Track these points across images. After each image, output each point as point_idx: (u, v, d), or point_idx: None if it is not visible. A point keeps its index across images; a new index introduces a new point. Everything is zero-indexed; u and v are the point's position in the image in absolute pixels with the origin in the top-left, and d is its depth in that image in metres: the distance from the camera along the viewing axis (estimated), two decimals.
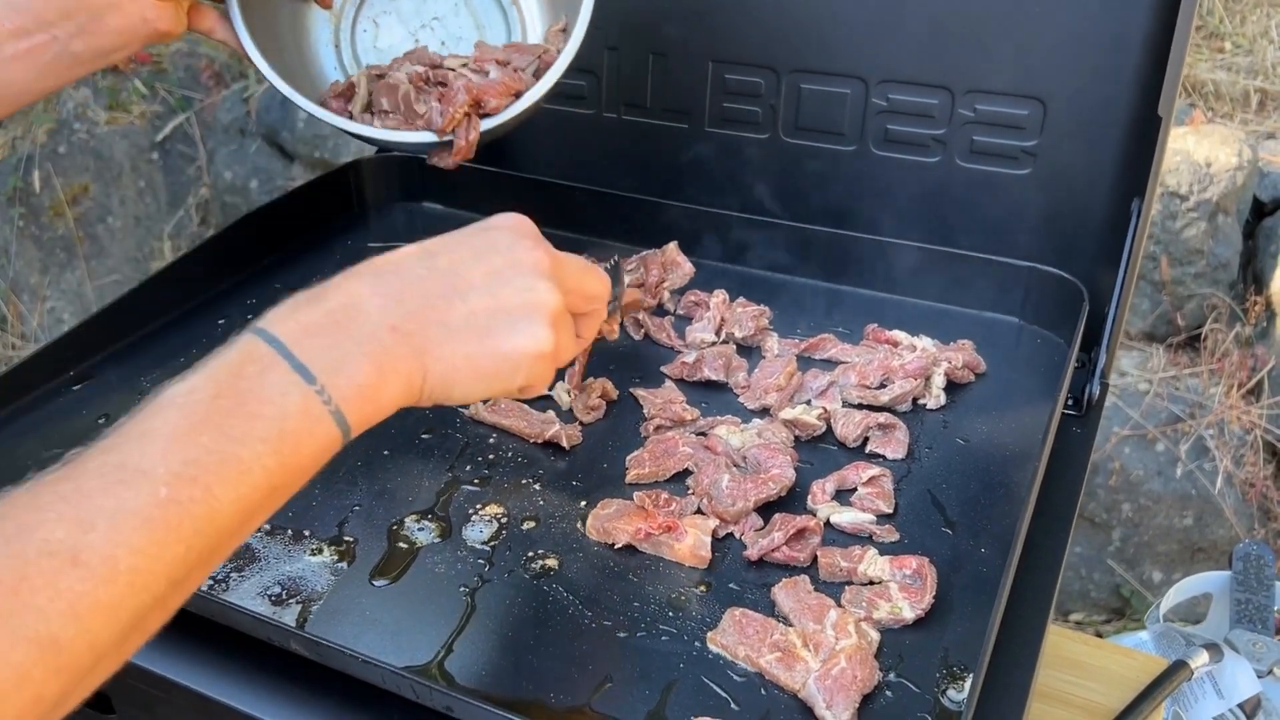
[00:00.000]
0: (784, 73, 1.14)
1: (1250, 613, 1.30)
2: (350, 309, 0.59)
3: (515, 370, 0.64)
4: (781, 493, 0.84)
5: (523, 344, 0.64)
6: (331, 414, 0.56)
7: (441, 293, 0.62)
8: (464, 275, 0.64)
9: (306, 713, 0.71)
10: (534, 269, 0.66)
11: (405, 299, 0.61)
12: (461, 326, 0.62)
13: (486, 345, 0.63)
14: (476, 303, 0.63)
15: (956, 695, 0.69)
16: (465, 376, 0.63)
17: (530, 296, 0.65)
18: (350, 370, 0.57)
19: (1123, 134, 1.03)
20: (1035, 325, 1.07)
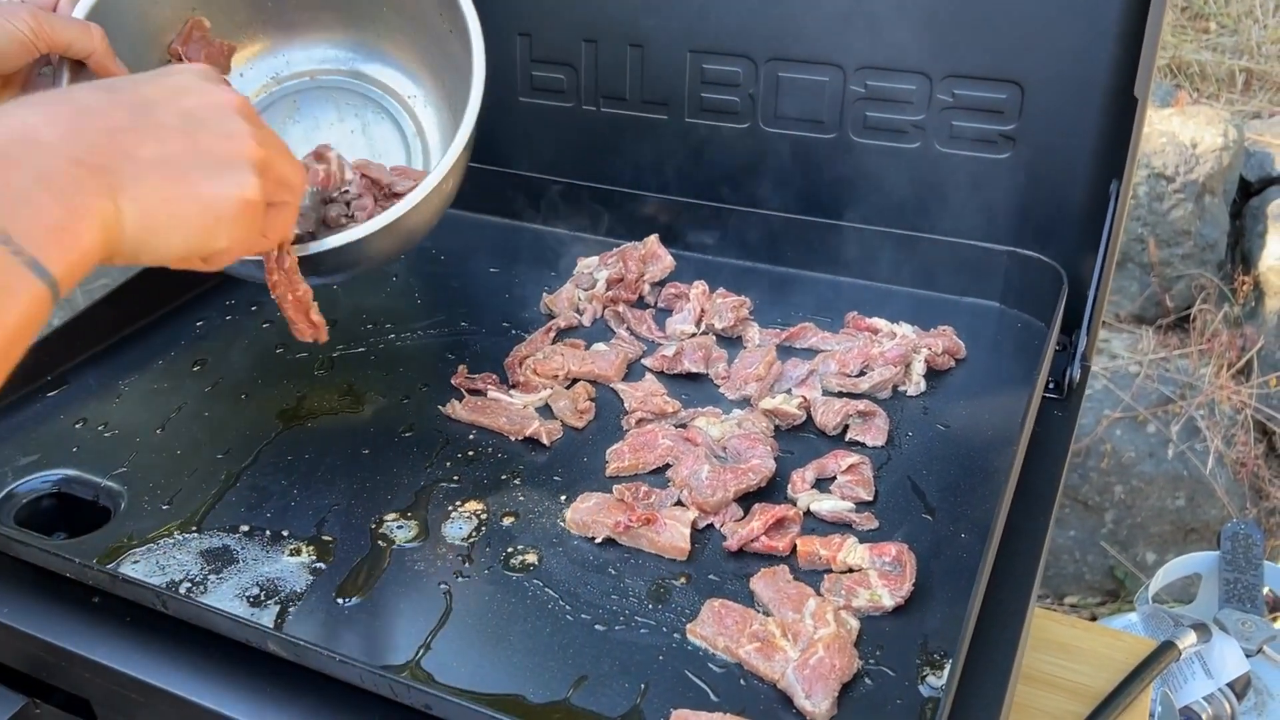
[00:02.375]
0: (762, 61, 1.14)
1: (1239, 592, 1.30)
2: (21, 142, 0.51)
3: (218, 221, 0.58)
4: (762, 483, 0.84)
5: (226, 189, 0.58)
6: (26, 264, 0.49)
7: (128, 125, 0.55)
8: (153, 113, 0.57)
9: (286, 714, 0.70)
10: (233, 110, 0.60)
11: (84, 129, 0.53)
12: (156, 164, 0.55)
13: (185, 188, 0.56)
14: (170, 142, 0.56)
15: (936, 681, 0.68)
16: (164, 222, 0.56)
17: (233, 141, 0.59)
18: (35, 212, 0.50)
19: (1101, 116, 1.03)
20: (1016, 309, 1.07)
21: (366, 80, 1.04)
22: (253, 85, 1.02)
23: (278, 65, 1.03)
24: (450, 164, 0.86)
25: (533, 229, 1.25)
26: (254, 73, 1.02)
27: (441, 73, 0.99)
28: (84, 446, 0.91)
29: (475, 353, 1.04)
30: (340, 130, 1.03)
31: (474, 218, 1.28)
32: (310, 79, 1.03)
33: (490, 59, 1.26)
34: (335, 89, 1.04)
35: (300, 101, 1.03)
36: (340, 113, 1.03)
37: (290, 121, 1.02)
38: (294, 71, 1.03)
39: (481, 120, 1.29)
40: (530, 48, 1.23)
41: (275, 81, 1.03)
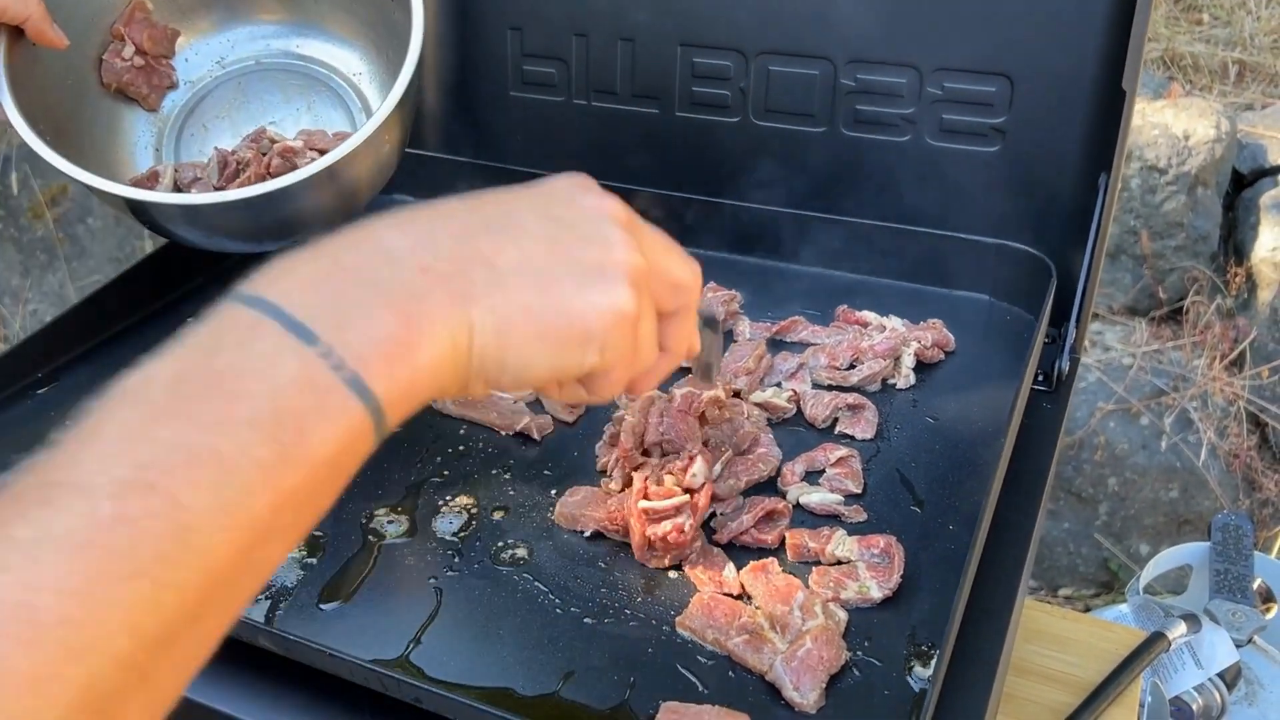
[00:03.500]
0: (752, 55, 1.14)
1: (1230, 583, 1.31)
2: (365, 253, 0.45)
3: (586, 336, 0.50)
4: (771, 473, 0.85)
5: (596, 299, 0.50)
6: (346, 382, 0.41)
7: (485, 230, 0.48)
8: (517, 220, 0.50)
9: (276, 707, 0.71)
10: (606, 217, 0.52)
11: (438, 237, 0.47)
12: (515, 272, 0.48)
13: (550, 297, 0.49)
14: (533, 248, 0.49)
15: (924, 672, 0.69)
16: (524, 335, 0.48)
17: (606, 249, 0.51)
18: (365, 322, 0.43)
19: (1090, 109, 1.03)
20: (1005, 302, 1.07)
21: (311, 61, 1.04)
22: (198, 70, 1.02)
23: (222, 49, 1.03)
24: (387, 112, 0.85)
25: None
26: (199, 58, 1.02)
27: (385, 48, 0.99)
28: None
29: None
30: (287, 111, 1.03)
31: None
32: (255, 63, 1.03)
33: (481, 53, 1.26)
34: (280, 71, 1.04)
35: (245, 85, 1.03)
36: (286, 94, 1.03)
37: (236, 106, 1.02)
38: (239, 55, 1.03)
39: (473, 114, 1.30)
40: (521, 42, 1.23)
41: (220, 65, 1.03)
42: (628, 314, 0.51)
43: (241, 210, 0.83)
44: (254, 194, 0.82)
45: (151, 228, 0.89)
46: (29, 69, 0.88)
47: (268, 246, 1.00)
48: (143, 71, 0.98)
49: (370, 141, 0.85)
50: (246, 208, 0.83)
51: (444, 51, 1.27)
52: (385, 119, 0.86)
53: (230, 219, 0.86)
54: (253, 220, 0.86)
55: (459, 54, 1.27)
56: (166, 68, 1.00)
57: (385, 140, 0.88)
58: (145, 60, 0.98)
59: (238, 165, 0.94)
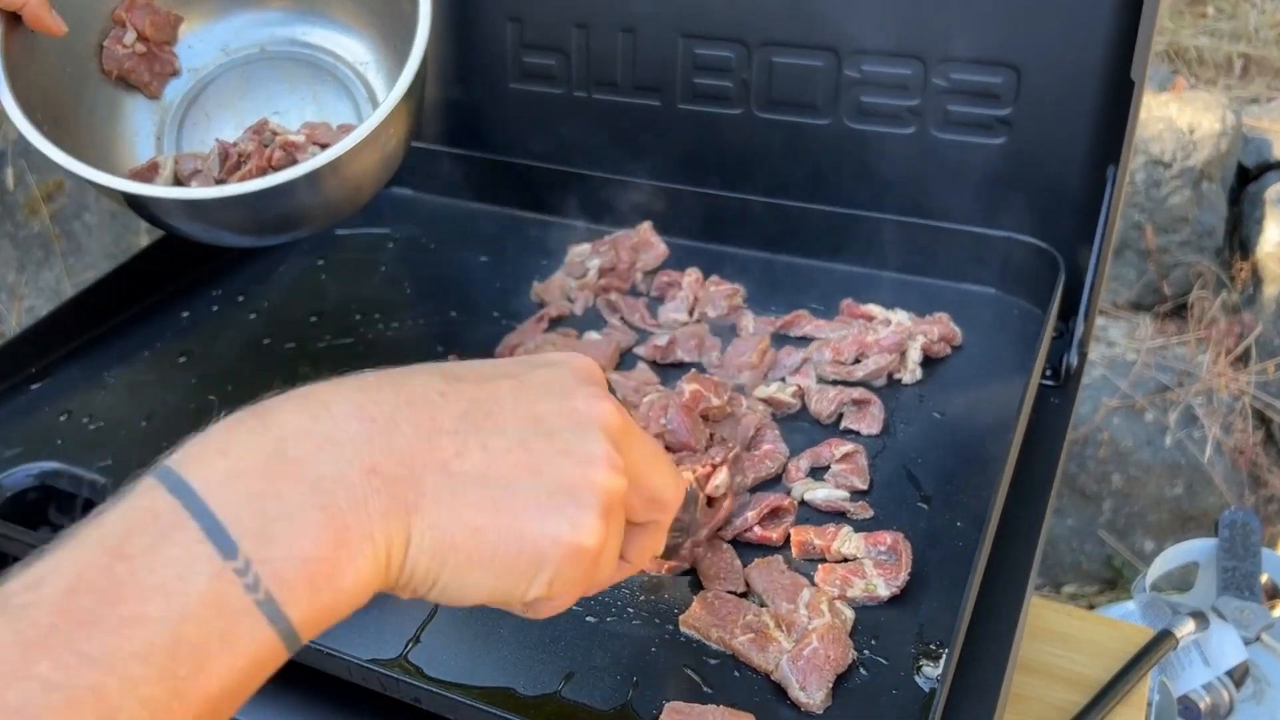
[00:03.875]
0: (755, 46, 1.13)
1: (1237, 580, 1.30)
2: (311, 436, 0.40)
3: (536, 567, 0.44)
4: (778, 470, 0.83)
5: (557, 529, 0.44)
6: (259, 604, 0.38)
7: (454, 427, 0.43)
8: (493, 414, 0.44)
9: (274, 707, 0.70)
10: (595, 425, 0.46)
11: (398, 426, 0.42)
12: (472, 482, 0.43)
13: (504, 519, 0.43)
14: (502, 454, 0.44)
15: (932, 671, 0.68)
16: (465, 559, 0.43)
17: (582, 465, 0.45)
18: (293, 533, 0.38)
19: (1098, 100, 1.02)
20: (1012, 296, 1.06)
21: (317, 49, 1.01)
22: (201, 58, 1.00)
23: (227, 35, 1.01)
24: (392, 105, 0.83)
25: (524, 217, 1.24)
26: (202, 44, 1.00)
27: (392, 37, 0.96)
28: (68, 439, 0.90)
29: (466, 342, 1.03)
30: (291, 101, 1.00)
31: (464, 206, 1.27)
32: (260, 50, 1.01)
33: (480, 45, 1.25)
34: (285, 59, 1.01)
35: (250, 73, 1.00)
36: (291, 83, 1.01)
37: (240, 95, 1.00)
38: (243, 42, 1.01)
39: (471, 107, 1.28)
40: (521, 33, 1.21)
41: (224, 53, 1.00)
42: (588, 548, 0.45)
43: (242, 205, 0.82)
44: (253, 189, 0.80)
45: (149, 220, 0.87)
46: (26, 56, 0.86)
47: (268, 241, 0.98)
48: (144, 58, 0.96)
49: (375, 135, 0.83)
50: (246, 203, 0.81)
51: (442, 43, 1.26)
52: (390, 112, 0.84)
53: (230, 214, 0.84)
54: (253, 215, 0.84)
55: (457, 46, 1.26)
56: (169, 55, 0.98)
57: (391, 134, 0.86)
58: (147, 47, 0.96)
59: (239, 158, 0.92)
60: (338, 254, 1.18)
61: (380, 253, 1.19)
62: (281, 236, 0.93)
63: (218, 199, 0.80)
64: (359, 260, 1.17)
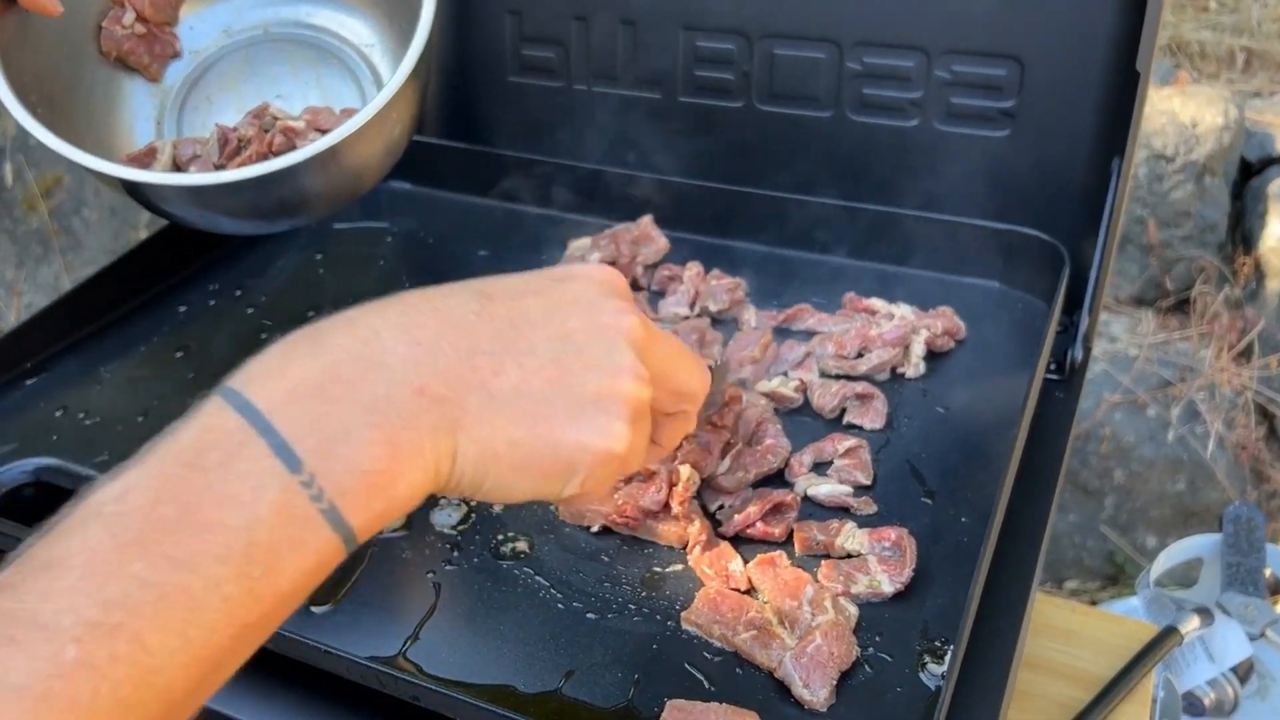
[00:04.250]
0: (756, 38, 1.12)
1: (1241, 576, 1.29)
2: (361, 359, 0.44)
3: (570, 471, 0.49)
4: (780, 465, 0.83)
5: (587, 438, 0.48)
6: (323, 513, 0.41)
7: (491, 349, 0.47)
8: (526, 332, 0.48)
9: (271, 706, 0.69)
10: (622, 338, 0.50)
11: (440, 348, 0.45)
12: (510, 399, 0.47)
13: (540, 430, 0.47)
14: (536, 371, 0.47)
15: (937, 669, 0.67)
16: (505, 468, 0.47)
17: (609, 377, 0.49)
18: (353, 449, 0.42)
19: (1102, 92, 1.01)
20: (1016, 290, 1.05)
21: (321, 31, 0.99)
22: (203, 39, 0.98)
23: (229, 16, 0.99)
24: (394, 90, 0.81)
25: (523, 211, 1.23)
26: (204, 25, 0.98)
27: (398, 19, 0.94)
28: (64, 435, 0.89)
29: None
30: (295, 84, 0.98)
31: (463, 200, 1.26)
32: (263, 31, 0.99)
33: (478, 38, 1.24)
34: (289, 41, 0.99)
35: (252, 55, 0.98)
36: (294, 66, 0.98)
37: (243, 78, 0.98)
38: (246, 23, 0.99)
39: (470, 101, 1.27)
40: (520, 26, 1.20)
41: (227, 35, 0.98)
42: (617, 453, 0.49)
43: (241, 191, 0.80)
44: (252, 175, 0.78)
45: (146, 206, 0.86)
46: (20, 38, 0.84)
47: (267, 228, 0.96)
48: (144, 40, 0.94)
49: (378, 120, 0.81)
50: (244, 189, 0.79)
51: (441, 36, 1.25)
52: (392, 96, 0.82)
53: (229, 199, 0.82)
54: (253, 201, 0.83)
55: (455, 38, 1.25)
56: (169, 36, 0.96)
57: (394, 119, 0.84)
58: (147, 28, 0.94)
59: (239, 143, 0.90)
60: (336, 248, 1.17)
61: (379, 247, 1.18)
62: (281, 223, 0.91)
63: (216, 185, 0.79)
64: (357, 254, 1.17)
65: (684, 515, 0.76)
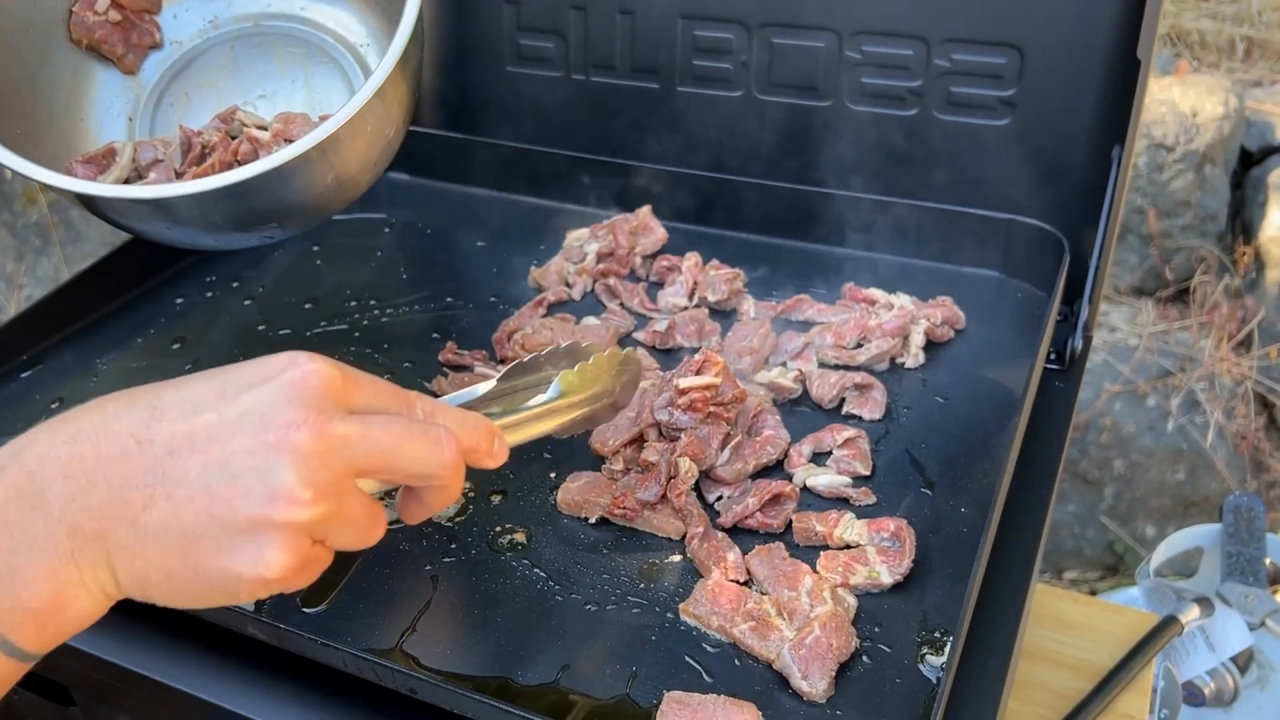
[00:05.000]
0: (754, 27, 1.11)
1: (1242, 565, 1.29)
2: (25, 495, 0.47)
3: (231, 594, 0.50)
4: (780, 456, 0.82)
5: (239, 569, 0.49)
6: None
7: (143, 481, 0.48)
8: (183, 459, 0.48)
9: (268, 698, 0.69)
10: (284, 458, 0.48)
11: (95, 483, 0.48)
12: (159, 533, 0.48)
13: (190, 562, 0.48)
14: (185, 504, 0.48)
15: (937, 660, 0.67)
16: (165, 592, 0.50)
17: (262, 507, 0.48)
18: (18, 588, 0.47)
19: (1103, 80, 1.00)
20: (1016, 279, 1.04)
21: (315, 26, 0.93)
22: (188, 30, 0.92)
23: (217, 7, 0.93)
24: (380, 82, 0.75)
25: (521, 201, 1.23)
26: (190, 14, 0.92)
27: (395, 17, 0.86)
28: None
29: (462, 328, 1.02)
30: (281, 83, 0.92)
31: (460, 190, 1.25)
32: (253, 24, 0.93)
33: (476, 28, 1.23)
34: (279, 37, 0.93)
35: (239, 50, 0.92)
36: (282, 63, 0.93)
37: (226, 75, 0.92)
38: (236, 14, 0.92)
39: (468, 91, 1.27)
40: (518, 16, 1.20)
41: (213, 25, 0.92)
42: (273, 580, 0.50)
43: (202, 203, 0.73)
44: (208, 188, 0.71)
45: (102, 219, 0.78)
46: None
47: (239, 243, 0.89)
48: (119, 28, 0.88)
49: (353, 128, 0.74)
50: (207, 201, 0.72)
51: (438, 26, 1.24)
52: (371, 98, 0.75)
53: (190, 211, 0.75)
54: (221, 214, 0.75)
55: (453, 29, 1.24)
56: (149, 24, 0.90)
57: (372, 126, 0.77)
58: (123, 15, 0.88)
59: (203, 149, 0.83)
60: (333, 239, 1.17)
61: (376, 238, 1.18)
62: (251, 238, 0.84)
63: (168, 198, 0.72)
64: (354, 245, 1.16)
65: (681, 508, 0.76)
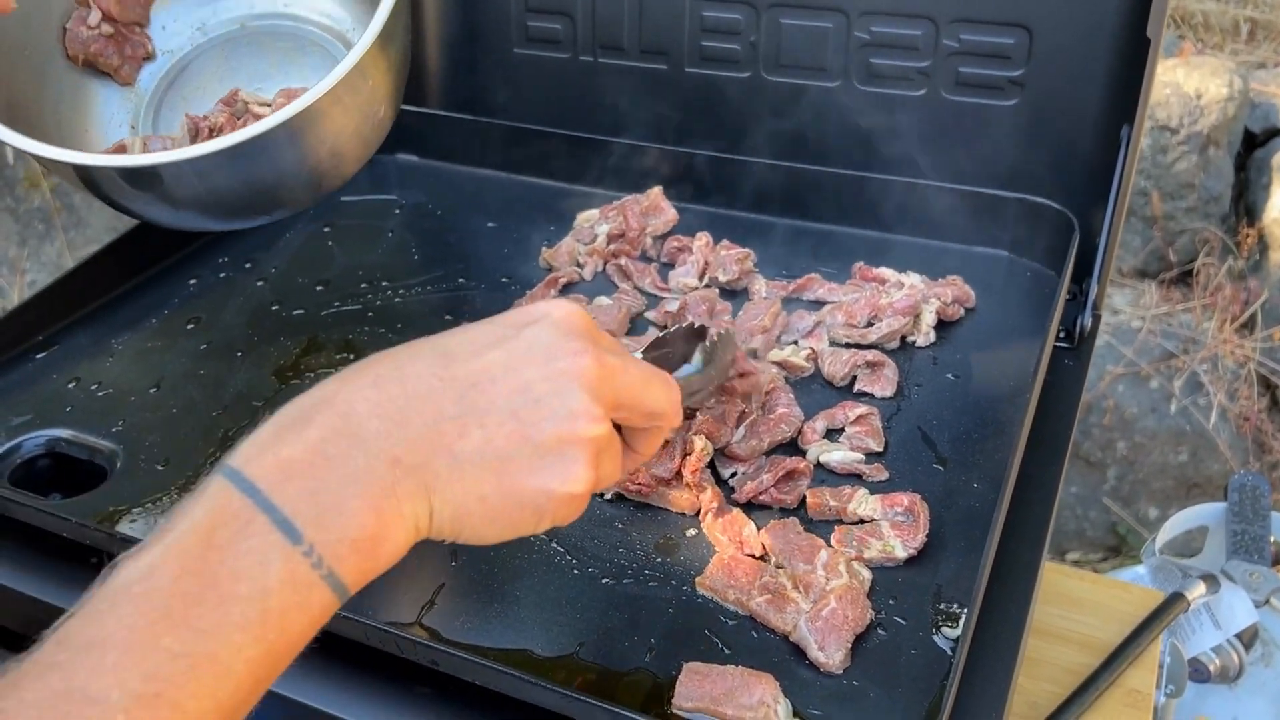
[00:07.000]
0: (763, 7, 1.11)
1: (1247, 543, 1.30)
2: (342, 435, 0.49)
3: (539, 515, 0.53)
4: (794, 434, 0.83)
5: (551, 485, 0.52)
6: (324, 578, 0.47)
7: (454, 413, 0.51)
8: (486, 390, 0.52)
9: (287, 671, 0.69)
10: (575, 382, 0.53)
11: (409, 419, 0.50)
12: (475, 459, 0.51)
13: (505, 484, 0.52)
14: (497, 429, 0.51)
15: (951, 632, 0.67)
16: (477, 521, 0.52)
17: (567, 424, 0.52)
18: (344, 520, 0.47)
19: (1111, 60, 1.00)
20: (1025, 258, 1.05)
21: (301, 20, 0.95)
22: (177, 39, 0.94)
23: (203, 13, 0.95)
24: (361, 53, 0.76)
25: (531, 183, 1.23)
26: (177, 24, 0.94)
27: None
28: (78, 406, 0.89)
29: (475, 308, 1.02)
30: (276, 80, 0.94)
31: (470, 172, 1.26)
32: (240, 26, 0.95)
33: (484, 9, 1.23)
34: (267, 34, 0.95)
35: (230, 52, 0.94)
36: (274, 59, 0.95)
37: (220, 77, 0.94)
38: (222, 19, 0.95)
39: (476, 72, 1.27)
40: None
41: (202, 32, 0.95)
42: (580, 495, 0.54)
43: (208, 173, 0.75)
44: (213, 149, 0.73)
45: (112, 205, 0.80)
46: None
47: (242, 223, 0.92)
48: (113, 41, 0.90)
49: (346, 89, 0.76)
50: (212, 171, 0.74)
51: (446, 8, 1.24)
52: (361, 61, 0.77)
53: (196, 184, 0.77)
54: (219, 187, 0.77)
55: (462, 10, 1.24)
56: (141, 36, 0.92)
57: (368, 87, 0.79)
58: (115, 28, 0.90)
59: (210, 131, 0.86)
60: (344, 220, 1.17)
61: (387, 219, 1.18)
62: (258, 216, 0.86)
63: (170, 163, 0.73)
64: (366, 227, 1.16)
65: (696, 484, 0.77)
